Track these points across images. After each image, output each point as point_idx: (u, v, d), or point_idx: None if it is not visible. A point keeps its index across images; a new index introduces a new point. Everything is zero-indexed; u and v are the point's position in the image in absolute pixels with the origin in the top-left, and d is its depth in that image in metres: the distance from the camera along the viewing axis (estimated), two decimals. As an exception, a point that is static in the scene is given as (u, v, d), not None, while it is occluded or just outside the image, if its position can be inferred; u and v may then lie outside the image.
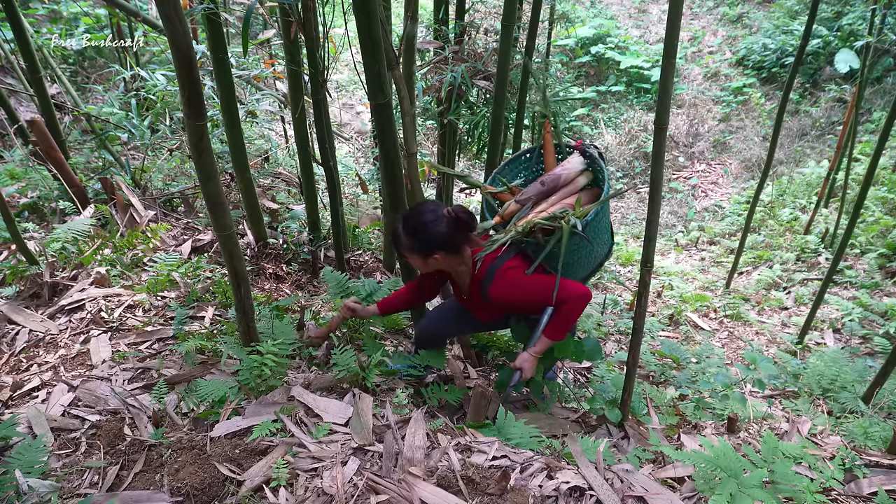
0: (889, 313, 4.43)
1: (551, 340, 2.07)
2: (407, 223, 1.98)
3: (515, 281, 2.01)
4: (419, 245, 1.98)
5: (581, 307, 2.02)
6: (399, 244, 2.03)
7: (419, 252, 2.00)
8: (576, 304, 1.99)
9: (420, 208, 2.00)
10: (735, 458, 1.79)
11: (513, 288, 2.01)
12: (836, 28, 8.15)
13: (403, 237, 1.99)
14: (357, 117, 8.54)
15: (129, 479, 1.71)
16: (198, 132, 1.75)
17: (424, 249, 1.98)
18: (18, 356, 2.42)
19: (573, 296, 1.98)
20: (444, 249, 1.99)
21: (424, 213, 1.96)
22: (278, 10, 2.90)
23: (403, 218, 2.00)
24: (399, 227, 2.00)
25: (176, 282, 2.98)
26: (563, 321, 2.03)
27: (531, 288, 2.00)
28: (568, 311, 2.00)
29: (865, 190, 3.57)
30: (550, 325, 2.06)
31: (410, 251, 2.01)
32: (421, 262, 2.03)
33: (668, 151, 8.55)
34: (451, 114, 3.55)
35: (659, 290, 5.24)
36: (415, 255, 2.02)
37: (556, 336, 2.07)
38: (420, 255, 2.00)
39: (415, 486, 1.62)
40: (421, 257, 2.01)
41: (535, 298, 2.02)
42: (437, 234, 1.95)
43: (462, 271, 2.12)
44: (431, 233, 1.94)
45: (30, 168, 3.82)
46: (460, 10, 3.65)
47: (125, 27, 4.98)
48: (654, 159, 1.93)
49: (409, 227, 1.97)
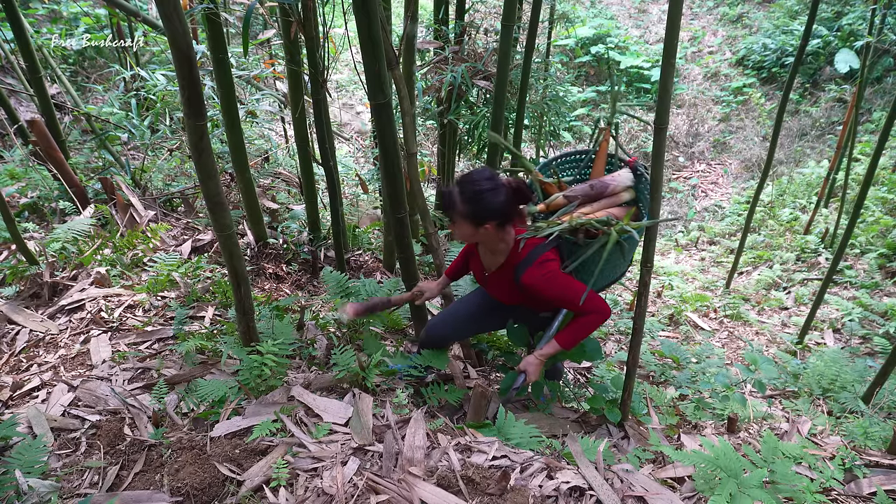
0: (889, 313, 4.43)
1: (562, 347, 2.04)
2: (465, 189, 1.87)
3: (551, 275, 1.96)
4: (475, 213, 1.87)
5: (600, 323, 2.01)
6: (453, 209, 1.91)
7: (472, 220, 1.89)
8: (597, 318, 1.99)
9: (480, 175, 1.89)
10: (735, 458, 1.79)
11: (547, 281, 1.96)
12: (836, 28, 8.15)
13: (459, 203, 1.88)
14: (357, 117, 8.53)
15: (129, 479, 1.71)
16: (198, 132, 1.75)
17: (479, 218, 1.88)
18: (18, 356, 2.42)
19: (597, 309, 1.97)
20: (497, 220, 1.90)
21: (485, 180, 1.87)
22: (278, 10, 2.90)
23: (461, 183, 1.89)
24: (455, 193, 1.89)
25: (176, 282, 2.98)
26: (579, 330, 2.01)
27: (563, 287, 1.96)
28: (587, 323, 1.99)
29: (865, 190, 3.57)
30: (565, 333, 2.03)
31: (463, 217, 1.90)
32: (471, 230, 1.93)
33: (668, 151, 8.55)
34: (451, 114, 3.55)
35: (659, 290, 5.24)
36: (466, 223, 1.91)
37: (567, 344, 2.03)
38: (472, 222, 1.90)
39: (415, 486, 1.62)
40: (472, 225, 1.91)
41: (563, 299, 1.98)
42: (496, 204, 1.86)
43: (500, 248, 2.04)
44: (490, 202, 1.85)
45: (30, 168, 3.82)
46: (460, 10, 3.66)
47: (125, 27, 4.98)
48: (654, 159, 1.93)
49: (467, 192, 1.86)
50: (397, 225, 2.43)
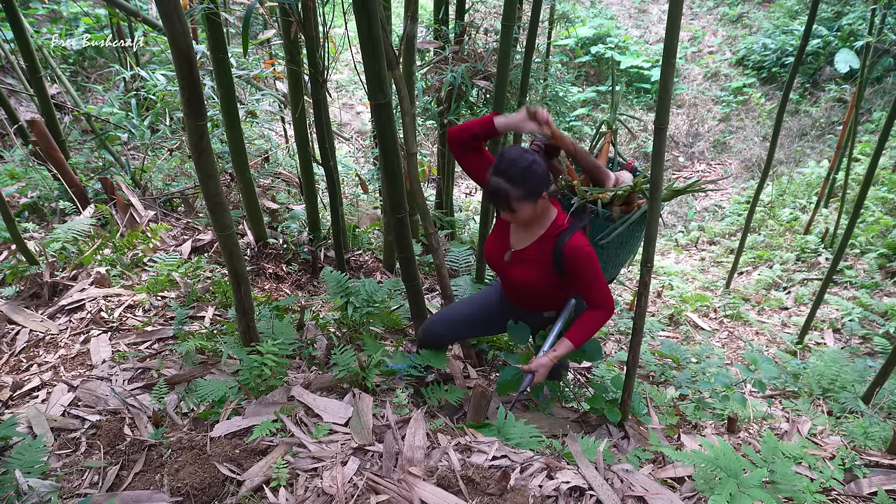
0: (889, 313, 4.43)
1: (574, 346, 2.03)
2: (511, 172, 1.82)
3: (590, 249, 1.95)
4: (531, 190, 1.83)
5: (606, 319, 2.04)
6: (509, 200, 1.84)
7: (531, 198, 1.85)
8: (605, 313, 2.02)
9: (512, 154, 1.85)
10: (735, 458, 1.79)
11: (587, 255, 1.94)
12: (836, 28, 8.15)
13: (512, 189, 1.82)
14: (357, 117, 8.53)
15: (129, 479, 1.71)
16: (198, 132, 1.75)
17: (536, 193, 1.84)
18: (18, 356, 2.42)
19: (607, 303, 2.00)
20: (547, 187, 1.88)
21: (521, 156, 1.84)
22: (278, 10, 2.90)
23: (501, 171, 1.83)
24: (502, 183, 1.82)
25: (176, 282, 2.98)
26: (588, 326, 2.02)
27: (596, 269, 1.96)
28: (595, 318, 2.01)
29: (865, 190, 3.57)
30: (575, 330, 2.02)
31: (522, 199, 1.84)
32: (531, 209, 1.89)
33: (668, 151, 8.55)
34: (451, 114, 3.55)
35: (659, 290, 5.24)
36: (525, 204, 1.86)
37: (579, 341, 2.03)
38: (532, 200, 1.86)
39: (415, 486, 1.62)
40: (532, 203, 1.86)
41: (592, 279, 1.97)
42: (543, 172, 1.84)
43: (542, 220, 2.00)
44: (539, 173, 1.83)
45: (30, 168, 3.82)
46: (460, 10, 3.66)
47: (125, 27, 4.98)
48: (654, 159, 1.93)
49: (516, 176, 1.81)
50: (397, 225, 2.43)
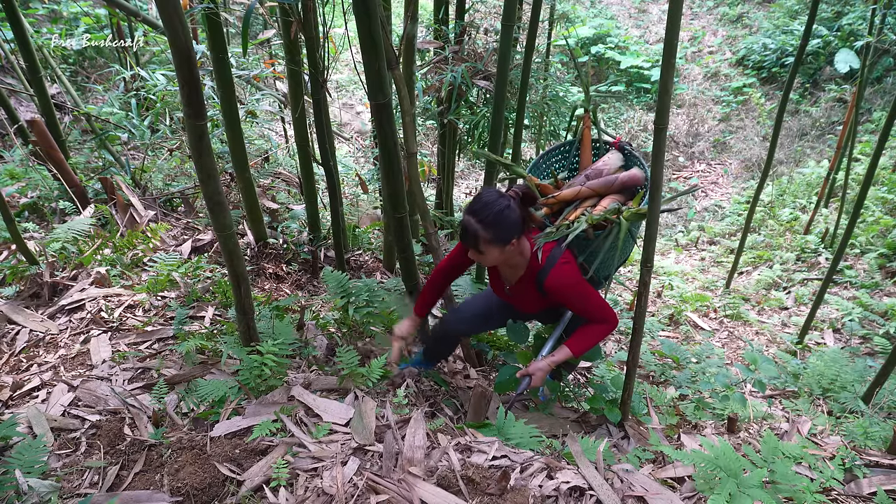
0: (889, 313, 4.43)
1: (573, 354, 2.06)
2: (483, 216, 1.85)
3: (573, 278, 1.98)
4: (500, 235, 1.87)
5: (608, 332, 2.07)
6: (477, 242, 1.88)
7: (500, 243, 1.88)
8: (607, 327, 2.05)
9: (488, 198, 1.88)
10: (735, 458, 1.79)
11: (570, 285, 1.97)
12: (836, 28, 8.15)
13: (482, 231, 1.85)
14: (357, 117, 8.53)
15: (129, 479, 1.71)
16: (198, 132, 1.75)
17: (505, 238, 1.88)
18: (18, 356, 2.42)
19: (609, 318, 2.03)
20: (519, 234, 1.91)
21: (496, 201, 1.86)
22: (278, 10, 2.90)
23: (474, 212, 1.86)
24: (473, 223, 1.86)
25: (176, 282, 2.98)
26: (589, 338, 2.04)
27: (585, 292, 2.00)
28: (597, 331, 2.04)
29: (865, 190, 3.57)
30: (576, 340, 2.05)
31: (490, 243, 1.88)
32: (498, 253, 1.92)
33: (668, 151, 8.54)
34: (451, 114, 3.55)
35: (659, 290, 5.24)
36: (493, 247, 1.89)
37: (578, 350, 2.05)
38: (500, 245, 1.89)
39: (415, 486, 1.62)
40: (500, 248, 1.90)
41: (584, 303, 2.01)
42: (515, 218, 1.87)
43: (519, 261, 2.04)
44: (511, 218, 1.86)
45: (30, 168, 3.82)
46: (460, 10, 3.65)
47: (125, 27, 4.98)
48: (654, 159, 1.93)
49: (487, 219, 1.84)
50: (397, 225, 2.43)
